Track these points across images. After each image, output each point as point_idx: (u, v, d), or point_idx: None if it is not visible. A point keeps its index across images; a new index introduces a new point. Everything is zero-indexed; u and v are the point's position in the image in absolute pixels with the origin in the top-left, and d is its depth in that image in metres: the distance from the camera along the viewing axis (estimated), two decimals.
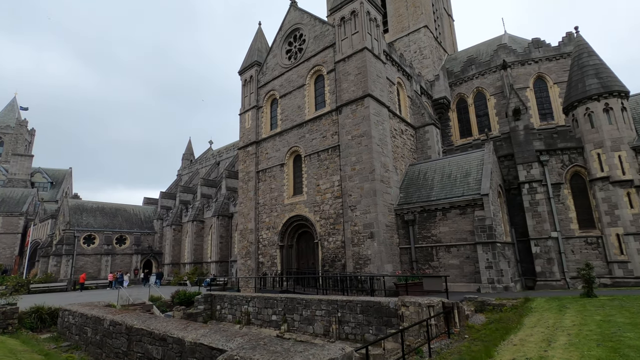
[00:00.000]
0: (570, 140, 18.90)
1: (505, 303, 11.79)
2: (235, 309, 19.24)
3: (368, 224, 17.26)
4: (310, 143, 21.22)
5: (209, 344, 7.03)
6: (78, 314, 13.69)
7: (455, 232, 16.52)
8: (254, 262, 23.11)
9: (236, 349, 6.10)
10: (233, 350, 5.91)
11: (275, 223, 22.37)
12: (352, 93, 19.33)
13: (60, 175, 67.87)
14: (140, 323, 9.72)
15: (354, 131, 18.80)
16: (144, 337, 9.23)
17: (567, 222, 18.19)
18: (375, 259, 16.67)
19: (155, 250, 45.38)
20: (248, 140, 25.66)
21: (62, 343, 13.61)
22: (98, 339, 11.67)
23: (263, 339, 6.53)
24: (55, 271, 37.82)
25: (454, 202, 16.70)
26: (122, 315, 10.98)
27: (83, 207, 43.19)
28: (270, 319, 17.04)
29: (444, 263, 16.61)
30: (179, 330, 8.25)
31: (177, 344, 7.93)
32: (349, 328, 13.91)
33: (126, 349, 9.87)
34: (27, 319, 15.76)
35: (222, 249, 35.63)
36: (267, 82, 25.34)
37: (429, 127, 23.05)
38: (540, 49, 25.23)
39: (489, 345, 8.18)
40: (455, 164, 19.02)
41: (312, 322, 15.24)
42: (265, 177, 23.88)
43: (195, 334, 7.71)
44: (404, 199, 18.88)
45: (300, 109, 22.40)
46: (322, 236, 19.48)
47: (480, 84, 26.89)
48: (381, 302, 13.01)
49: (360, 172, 18.09)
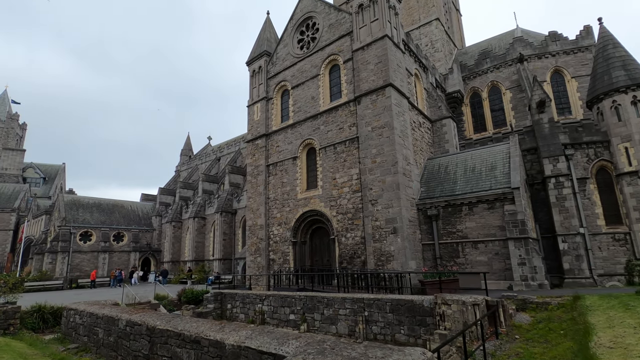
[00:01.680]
0: (596, 134, 18.34)
1: (550, 301, 11.10)
2: (248, 308, 18.33)
3: (391, 219, 16.48)
4: (325, 135, 20.36)
5: (257, 347, 6.17)
6: (86, 313, 12.68)
7: (482, 227, 15.82)
8: (265, 259, 22.20)
9: (298, 354, 5.25)
10: (295, 357, 5.07)
11: (287, 218, 21.49)
12: (371, 83, 18.51)
13: (53, 170, 65.97)
14: (164, 323, 8.80)
15: (374, 122, 17.99)
16: (170, 339, 8.31)
17: (594, 218, 17.62)
18: (399, 255, 15.90)
19: (153, 248, 44.14)
20: (257, 133, 24.70)
21: (69, 345, 12.58)
22: (112, 340, 10.70)
23: (325, 341, 5.69)
24: (51, 269, 36.44)
25: (481, 196, 16.00)
26: (141, 315, 10.03)
27: (79, 202, 41.77)
28: (288, 319, 16.18)
29: (470, 260, 15.91)
30: (215, 331, 7.37)
31: (214, 347, 7.05)
32: (377, 328, 13.11)
33: (148, 352, 8.95)
34: (29, 319, 14.70)
35: (225, 246, 34.61)
36: (278, 73, 24.40)
37: (446, 121, 22.34)
38: (558, 42, 24.70)
39: (557, 347, 7.42)
40: (478, 157, 18.33)
41: (335, 322, 14.42)
42: (276, 170, 22.97)
43: (236, 335, 6.84)
44: (426, 193, 18.14)
45: (314, 100, 21.52)
46: (339, 232, 18.65)
47: (495, 77, 26.27)
48: (414, 300, 12.23)
49: (381, 165, 17.30)
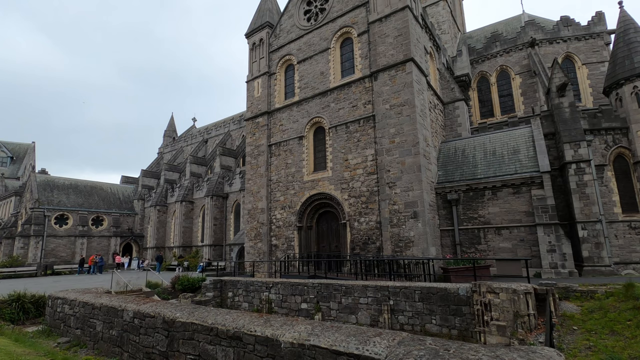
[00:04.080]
0: (615, 120, 17.91)
1: (595, 290, 10.44)
2: (252, 296, 17.05)
3: (411, 203, 15.49)
4: (336, 113, 19.01)
5: (330, 347, 4.95)
6: (79, 302, 11.04)
7: (507, 212, 15.10)
8: (266, 245, 20.86)
9: (397, 356, 4.09)
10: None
11: (292, 202, 20.16)
12: (390, 57, 17.23)
13: (21, 150, 61.21)
14: (187, 315, 7.43)
15: (392, 100, 16.79)
16: (197, 334, 6.96)
17: (610, 205, 17.30)
18: (420, 241, 14.98)
19: (136, 233, 41.73)
20: (258, 111, 23.00)
21: (58, 339, 10.96)
22: (115, 334, 9.21)
23: (424, 339, 4.54)
24: (22, 254, 33.64)
25: (506, 180, 15.23)
26: (152, 305, 8.59)
27: (54, 183, 38.65)
28: (299, 308, 15.03)
29: (493, 246, 15.21)
30: (259, 325, 6.09)
31: (263, 345, 5.78)
32: (405, 318, 12.18)
33: (166, 349, 7.56)
34: (7, 310, 12.86)
35: (216, 232, 32.90)
36: (282, 46, 22.66)
37: (459, 103, 21.45)
38: (569, 27, 24.16)
39: None
40: (498, 140, 17.55)
41: (354, 311, 13.40)
42: (279, 151, 21.47)
43: (293, 331, 5.59)
44: (444, 177, 17.25)
45: (324, 76, 20.04)
46: (351, 216, 17.53)
47: (504, 62, 25.57)
48: (448, 288, 11.32)
49: (400, 145, 16.19)
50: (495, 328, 8.64)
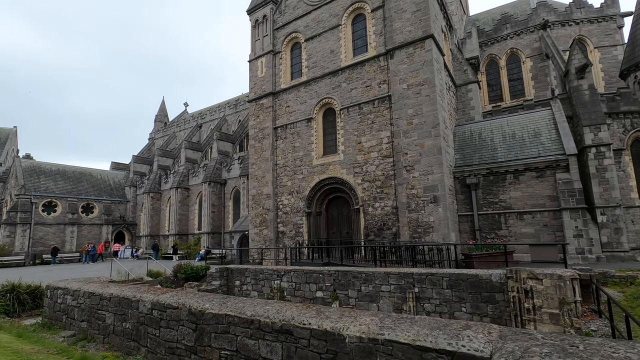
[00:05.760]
0: (634, 104, 17.48)
1: (635, 275, 10.03)
2: (262, 285, 16.33)
3: (430, 187, 14.84)
4: (348, 94, 18.08)
5: (411, 342, 4.22)
6: (84, 293, 10.09)
7: (530, 197, 14.61)
8: (272, 232, 20.05)
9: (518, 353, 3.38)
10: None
11: (300, 187, 19.31)
12: (408, 34, 16.32)
13: (2, 134, 58.18)
14: (218, 306, 6.62)
15: (410, 79, 15.95)
16: (233, 327, 6.17)
17: (628, 190, 17.00)
18: (441, 226, 14.40)
19: (128, 221, 40.33)
20: (262, 92, 21.86)
21: (62, 332, 10.03)
22: (129, 327, 8.35)
23: (533, 335, 3.85)
24: (9, 243, 32.04)
25: (529, 164, 14.69)
26: (174, 295, 7.73)
27: (40, 169, 36.78)
28: (314, 296, 14.38)
29: (514, 232, 14.75)
30: (312, 317, 5.33)
31: (321, 339, 5.03)
32: (431, 306, 11.63)
33: (194, 343, 6.76)
34: (1, 301, 11.81)
35: (214, 219, 31.86)
36: (287, 23, 21.44)
37: (472, 85, 20.74)
38: (582, 9, 23.56)
39: None
40: (516, 123, 16.97)
41: (375, 299, 12.81)
42: (285, 134, 20.49)
43: (357, 323, 4.85)
44: (462, 160, 16.64)
45: (334, 54, 19.01)
46: (365, 201, 16.83)
47: (515, 44, 24.89)
48: (479, 274, 10.77)
49: (419, 127, 15.44)
50: (548, 316, 8.12)
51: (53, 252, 29.98)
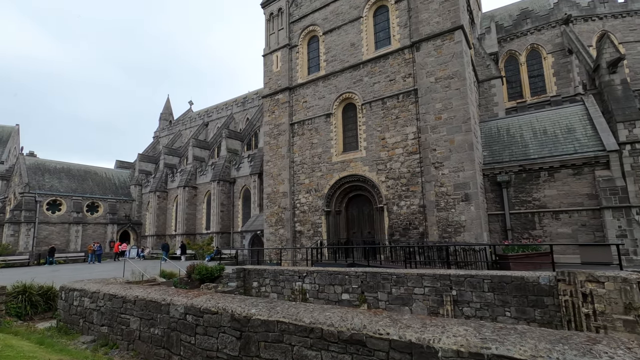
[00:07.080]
0: None
1: None
2: (282, 286, 15.63)
3: (461, 184, 14.15)
4: (370, 88, 17.40)
5: (529, 358, 3.52)
6: (103, 295, 9.37)
7: (566, 195, 13.92)
8: (289, 231, 19.35)
9: None
10: None
11: (319, 185, 18.62)
12: (435, 25, 15.65)
13: (5, 132, 57.54)
14: (267, 312, 5.92)
15: (438, 72, 15.28)
16: (288, 336, 5.47)
17: None
18: (473, 225, 13.71)
19: (133, 220, 39.60)
20: (278, 87, 21.18)
21: (80, 337, 9.32)
22: (158, 333, 7.64)
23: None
24: (13, 242, 31.31)
25: (565, 161, 14.01)
26: (210, 299, 7.03)
27: (44, 167, 36.06)
28: (340, 299, 13.67)
29: (549, 232, 14.06)
30: (390, 326, 4.63)
31: (405, 352, 4.32)
32: (471, 310, 10.94)
33: (238, 353, 6.06)
34: (12, 303, 11.09)
35: (223, 219, 31.15)
36: (304, 16, 20.77)
37: (495, 81, 20.07)
38: (606, 4, 22.92)
39: None
40: (546, 119, 16.29)
41: (407, 302, 12.10)
42: (303, 130, 19.80)
43: (449, 334, 4.15)
44: (491, 157, 15.95)
45: (355, 47, 18.33)
46: (389, 200, 16.13)
47: (535, 40, 24.24)
48: (525, 277, 10.09)
49: (448, 122, 14.76)
50: (622, 323, 7.42)
51: (50, 252, 29.14)
